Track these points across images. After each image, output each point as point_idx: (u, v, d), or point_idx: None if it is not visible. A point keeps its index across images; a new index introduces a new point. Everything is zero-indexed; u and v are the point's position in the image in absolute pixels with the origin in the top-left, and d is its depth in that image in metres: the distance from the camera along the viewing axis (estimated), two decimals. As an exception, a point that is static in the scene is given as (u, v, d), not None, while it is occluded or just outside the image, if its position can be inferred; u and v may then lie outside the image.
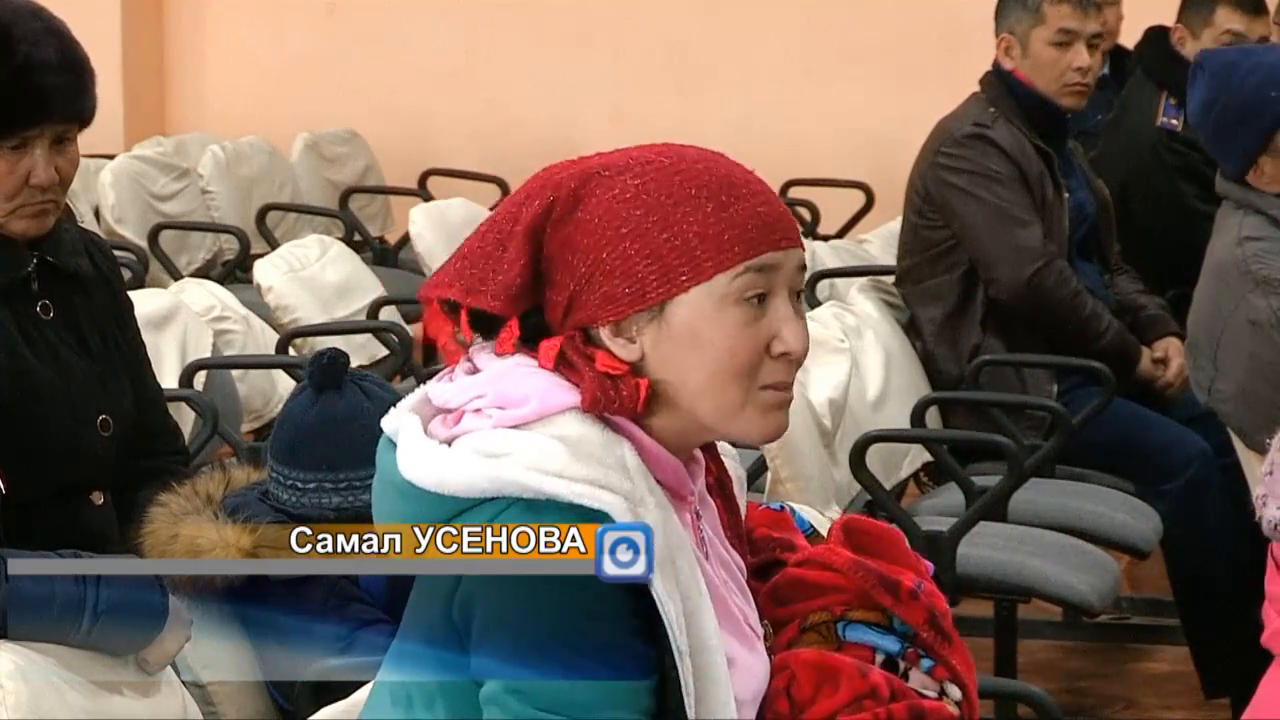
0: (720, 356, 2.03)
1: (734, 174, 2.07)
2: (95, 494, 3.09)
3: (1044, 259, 4.90)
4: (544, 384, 2.03)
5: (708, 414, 2.05)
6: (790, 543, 2.29)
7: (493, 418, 2.02)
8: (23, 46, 2.98)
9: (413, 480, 2.02)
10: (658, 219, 2.03)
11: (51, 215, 3.07)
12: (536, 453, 1.98)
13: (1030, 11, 5.04)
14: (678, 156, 2.07)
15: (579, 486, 1.96)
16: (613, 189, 2.04)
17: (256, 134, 8.56)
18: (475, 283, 2.06)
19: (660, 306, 2.03)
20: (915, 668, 2.21)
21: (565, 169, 2.09)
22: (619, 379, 2.02)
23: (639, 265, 2.02)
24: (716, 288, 2.03)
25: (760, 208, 2.05)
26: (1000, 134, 5.00)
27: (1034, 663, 5.22)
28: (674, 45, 9.01)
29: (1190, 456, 4.85)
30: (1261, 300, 4.08)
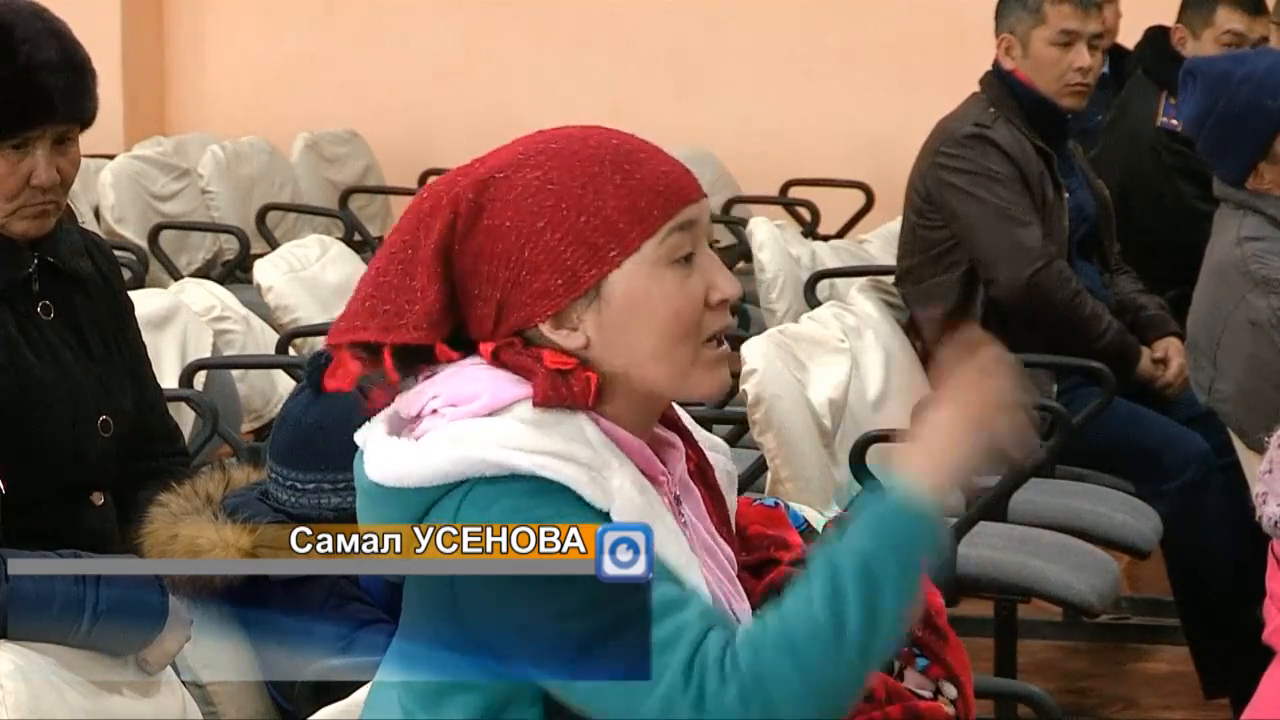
0: (666, 320, 2.04)
1: (626, 142, 2.08)
2: (95, 494, 3.09)
3: (1044, 259, 4.90)
4: (493, 379, 2.03)
5: (659, 380, 2.06)
6: (784, 540, 2.28)
7: (446, 415, 2.02)
8: (25, 47, 2.98)
9: (378, 480, 2.02)
10: (571, 203, 2.03)
11: (52, 216, 3.07)
12: (495, 431, 1.98)
13: (1031, 11, 5.04)
14: (567, 139, 2.08)
15: (540, 458, 1.97)
16: (515, 187, 2.04)
17: (256, 134, 8.56)
18: (391, 319, 2.05)
19: (596, 288, 2.03)
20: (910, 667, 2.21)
21: (454, 182, 2.07)
22: (569, 374, 2.03)
23: (566, 253, 2.02)
24: (646, 255, 2.04)
25: (663, 168, 2.07)
26: (1000, 134, 5.00)
27: (1034, 663, 5.22)
28: (674, 45, 9.01)
29: (1190, 456, 4.85)
30: (1261, 300, 4.08)
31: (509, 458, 1.96)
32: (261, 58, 9.58)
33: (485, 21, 9.27)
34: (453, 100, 9.26)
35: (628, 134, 2.10)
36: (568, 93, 8.98)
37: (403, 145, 9.20)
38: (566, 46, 9.15)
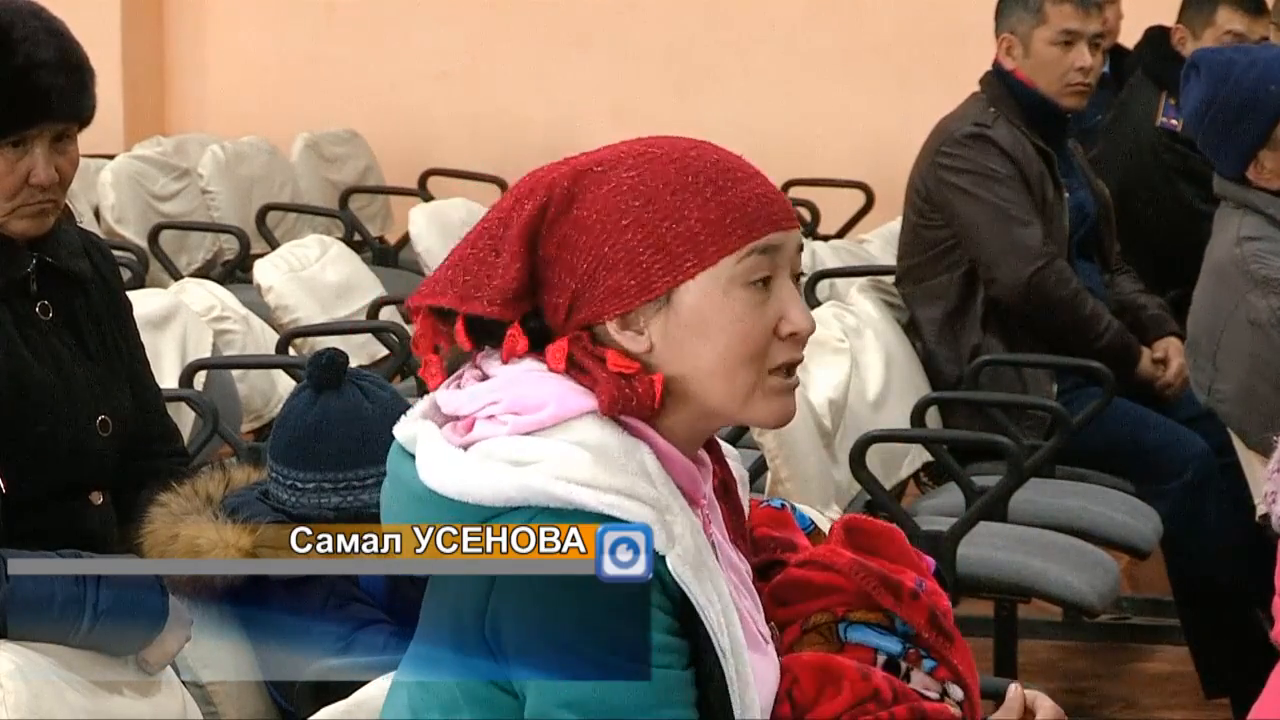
0: (731, 340, 2.03)
1: (727, 159, 2.08)
2: (95, 494, 3.09)
3: (1044, 259, 4.90)
4: (559, 389, 2.02)
5: (720, 399, 2.05)
6: (791, 543, 2.28)
7: (508, 424, 2.01)
8: (23, 46, 2.98)
9: (436, 488, 2.00)
10: (658, 208, 2.03)
11: (51, 215, 3.07)
12: (562, 461, 1.97)
13: (1032, 11, 5.04)
14: (669, 146, 2.08)
15: (609, 497, 1.96)
16: (608, 184, 2.04)
17: (256, 134, 8.56)
18: (469, 289, 2.05)
19: (667, 295, 2.03)
20: (917, 668, 2.20)
21: (556, 169, 2.08)
22: (633, 377, 2.02)
23: (643, 256, 2.02)
24: (722, 272, 2.03)
25: (758, 190, 2.06)
26: (1000, 134, 4.99)
27: (1034, 663, 5.22)
28: (674, 45, 9.01)
29: (1190, 457, 4.85)
30: (1261, 300, 4.08)
31: (576, 495, 1.95)
32: (261, 58, 9.58)
33: (485, 21, 9.26)
34: (453, 100, 9.25)
35: (734, 154, 2.10)
36: (568, 93, 8.98)
37: (403, 145, 9.20)
38: (566, 46, 9.15)
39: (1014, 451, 4.42)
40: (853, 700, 2.14)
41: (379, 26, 9.42)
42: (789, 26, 8.84)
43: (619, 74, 9.00)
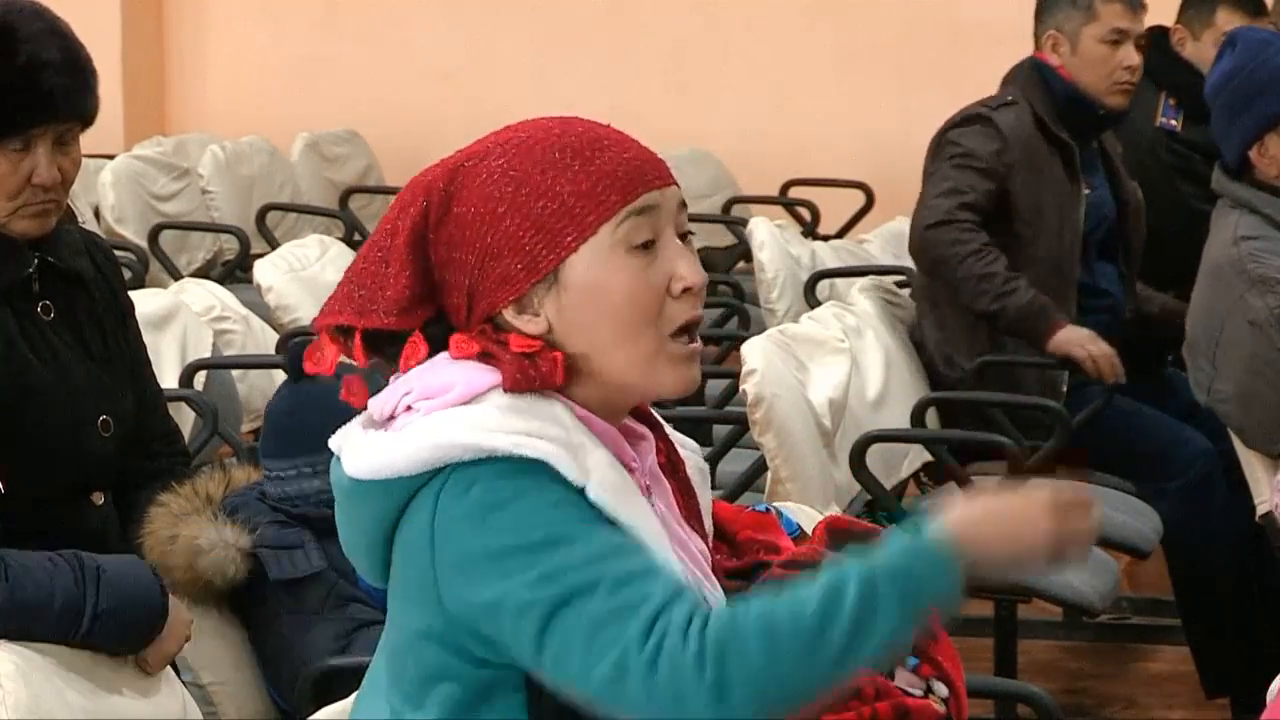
0: (622, 305, 2.05)
1: (593, 130, 2.09)
2: (95, 494, 3.09)
3: (945, 217, 4.87)
4: (464, 370, 2.05)
5: (622, 369, 2.07)
6: (774, 544, 2.28)
7: (421, 409, 2.03)
8: (26, 46, 2.98)
9: (358, 475, 2.03)
10: (530, 189, 2.05)
11: (53, 215, 3.07)
12: (471, 416, 2.00)
13: (1082, 9, 5.02)
14: (535, 128, 2.10)
15: (516, 437, 1.98)
16: (480, 175, 2.07)
17: (256, 134, 8.55)
18: (365, 304, 2.08)
19: (555, 273, 2.05)
20: (901, 666, 2.21)
21: (431, 171, 2.11)
22: (535, 355, 2.04)
23: (525, 238, 2.04)
24: (603, 240, 2.05)
25: (626, 154, 2.07)
26: (1005, 117, 4.96)
27: (1034, 663, 5.22)
28: (674, 45, 9.01)
29: (1193, 456, 4.84)
30: (1259, 300, 4.08)
31: (486, 439, 1.97)
32: (261, 58, 9.58)
33: (485, 21, 9.27)
34: (453, 100, 9.25)
35: (601, 124, 2.11)
36: (568, 93, 8.97)
37: (403, 145, 9.19)
38: (566, 46, 9.15)
39: (1014, 451, 4.42)
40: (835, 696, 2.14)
41: (379, 26, 9.42)
42: (789, 27, 8.84)
43: (619, 74, 9.00)
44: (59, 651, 2.66)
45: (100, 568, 2.73)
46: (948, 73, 8.29)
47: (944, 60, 8.47)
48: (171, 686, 2.82)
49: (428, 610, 2.01)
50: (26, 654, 2.59)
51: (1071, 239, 4.98)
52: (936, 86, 8.06)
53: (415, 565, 2.01)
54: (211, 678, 3.08)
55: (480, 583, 1.96)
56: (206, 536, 3.03)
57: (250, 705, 3.13)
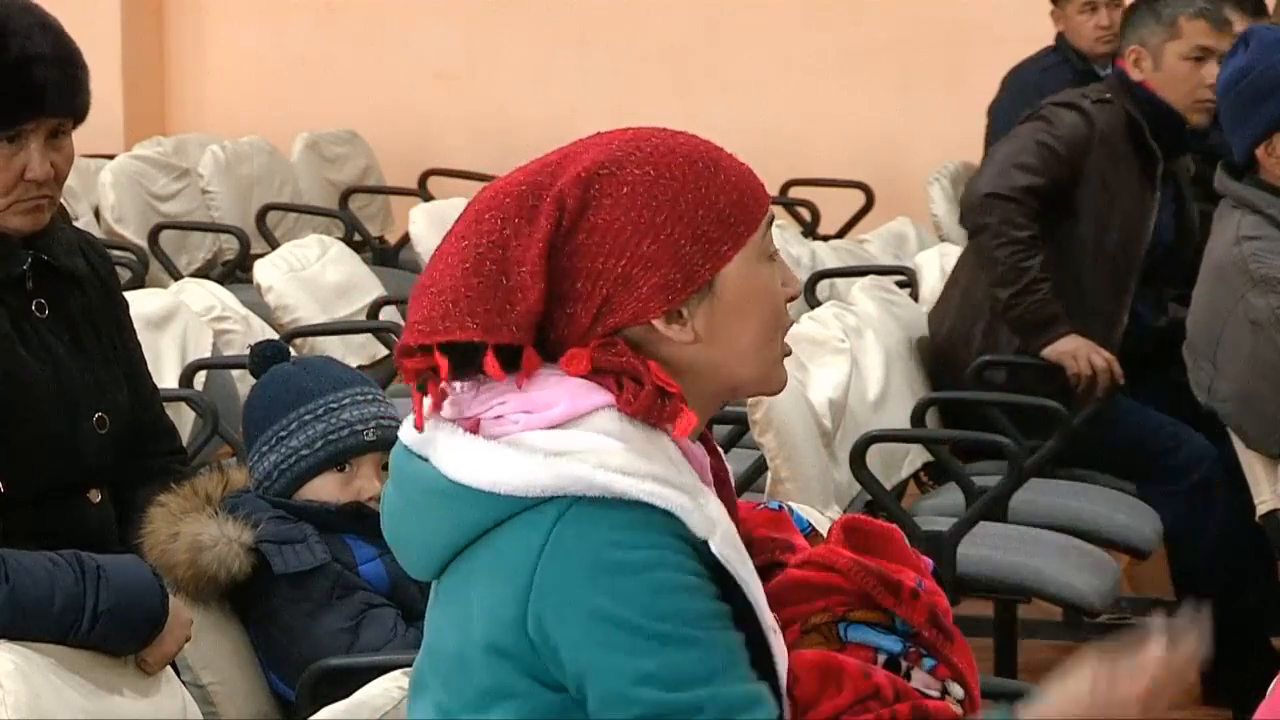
0: (769, 313, 2.08)
1: (706, 143, 2.10)
2: (92, 492, 3.09)
3: (1012, 194, 4.85)
4: (570, 387, 2.01)
5: (752, 374, 2.10)
6: (790, 543, 2.28)
7: (518, 423, 2.00)
8: (16, 40, 2.97)
9: (463, 480, 1.99)
10: (688, 198, 2.03)
11: (46, 211, 3.07)
12: (597, 449, 1.97)
13: (1165, 25, 4.97)
14: (656, 137, 2.08)
15: (647, 484, 1.96)
16: (625, 184, 2.03)
17: (256, 134, 8.55)
18: (491, 319, 2.00)
19: (710, 282, 2.04)
20: (918, 667, 2.20)
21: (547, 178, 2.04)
22: (671, 396, 2.02)
23: (685, 247, 2.03)
24: (751, 249, 2.06)
25: (742, 166, 2.10)
26: (1102, 112, 4.91)
27: (1034, 663, 5.21)
28: (674, 45, 9.00)
29: (1196, 458, 4.83)
30: (1260, 300, 4.07)
31: (615, 481, 1.95)
32: (261, 58, 9.58)
33: (485, 21, 9.26)
34: (453, 100, 9.25)
35: (695, 135, 2.11)
36: (568, 93, 8.98)
37: (403, 145, 9.19)
38: (566, 46, 9.15)
39: (1014, 451, 4.42)
40: (854, 698, 2.14)
41: (379, 26, 9.42)
42: (789, 27, 8.84)
43: (619, 74, 9.00)
44: (59, 651, 2.66)
45: (100, 568, 2.73)
46: (948, 73, 8.29)
47: (944, 60, 8.47)
48: (171, 686, 2.82)
49: (506, 630, 1.98)
50: (26, 654, 2.59)
51: (1136, 249, 4.92)
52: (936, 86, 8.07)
53: (505, 584, 1.98)
54: (211, 678, 3.08)
55: (582, 641, 1.94)
56: (209, 532, 3.03)
57: (250, 705, 3.12)
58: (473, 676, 2.02)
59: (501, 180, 2.09)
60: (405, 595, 3.08)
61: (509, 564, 1.97)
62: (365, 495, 3.11)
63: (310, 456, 3.12)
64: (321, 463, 3.12)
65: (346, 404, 3.14)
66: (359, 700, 2.34)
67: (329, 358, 3.73)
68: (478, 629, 2.00)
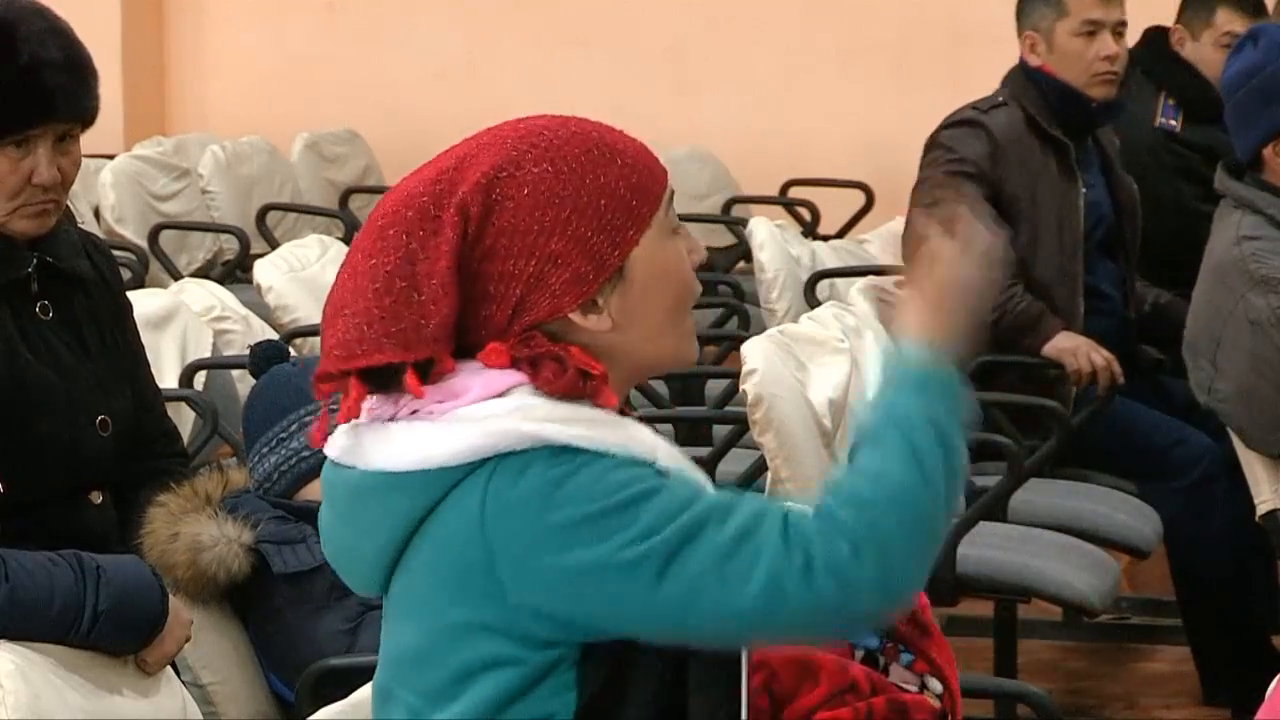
0: (678, 286, 2.09)
1: (602, 127, 2.11)
2: (94, 493, 3.09)
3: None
4: (481, 376, 2.03)
5: (667, 350, 2.10)
6: None
7: (434, 413, 2.01)
8: (27, 46, 2.98)
9: (393, 467, 2.00)
10: (588, 190, 2.05)
11: (53, 215, 3.08)
12: (521, 406, 1.99)
13: (1052, 6, 5.02)
14: (547, 130, 2.08)
15: (575, 429, 1.98)
16: (525, 184, 2.04)
17: (256, 134, 8.55)
18: (407, 337, 2.01)
19: (620, 268, 2.06)
20: (895, 662, 2.21)
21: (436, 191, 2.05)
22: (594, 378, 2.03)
23: (592, 238, 2.04)
24: (655, 228, 2.08)
25: (634, 143, 2.11)
26: (997, 120, 4.95)
27: (1034, 663, 5.22)
28: (674, 45, 9.00)
29: (1196, 456, 4.84)
30: (1261, 299, 4.07)
31: (543, 429, 1.97)
32: (261, 58, 9.58)
33: (485, 21, 9.26)
34: (453, 100, 9.25)
35: (585, 119, 2.12)
36: (568, 93, 8.97)
37: (403, 145, 9.18)
38: (566, 46, 9.15)
39: (1014, 451, 4.42)
40: (830, 691, 2.15)
41: (379, 26, 9.42)
42: (789, 27, 8.84)
43: (619, 74, 9.00)
44: (59, 651, 2.66)
45: (100, 568, 2.73)
46: (948, 73, 8.28)
47: (944, 60, 8.46)
48: (171, 686, 2.82)
49: (477, 602, 1.98)
50: (26, 654, 2.59)
51: (1072, 239, 4.97)
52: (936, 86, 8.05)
53: (460, 558, 1.98)
54: (211, 678, 3.08)
55: (567, 554, 1.94)
56: (208, 533, 3.04)
57: (250, 705, 3.13)
58: (441, 663, 2.02)
59: (401, 189, 2.09)
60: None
61: (456, 538, 1.98)
62: None
63: (311, 459, 3.13)
64: (322, 464, 3.12)
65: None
66: (358, 700, 2.34)
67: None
68: (445, 614, 2.00)
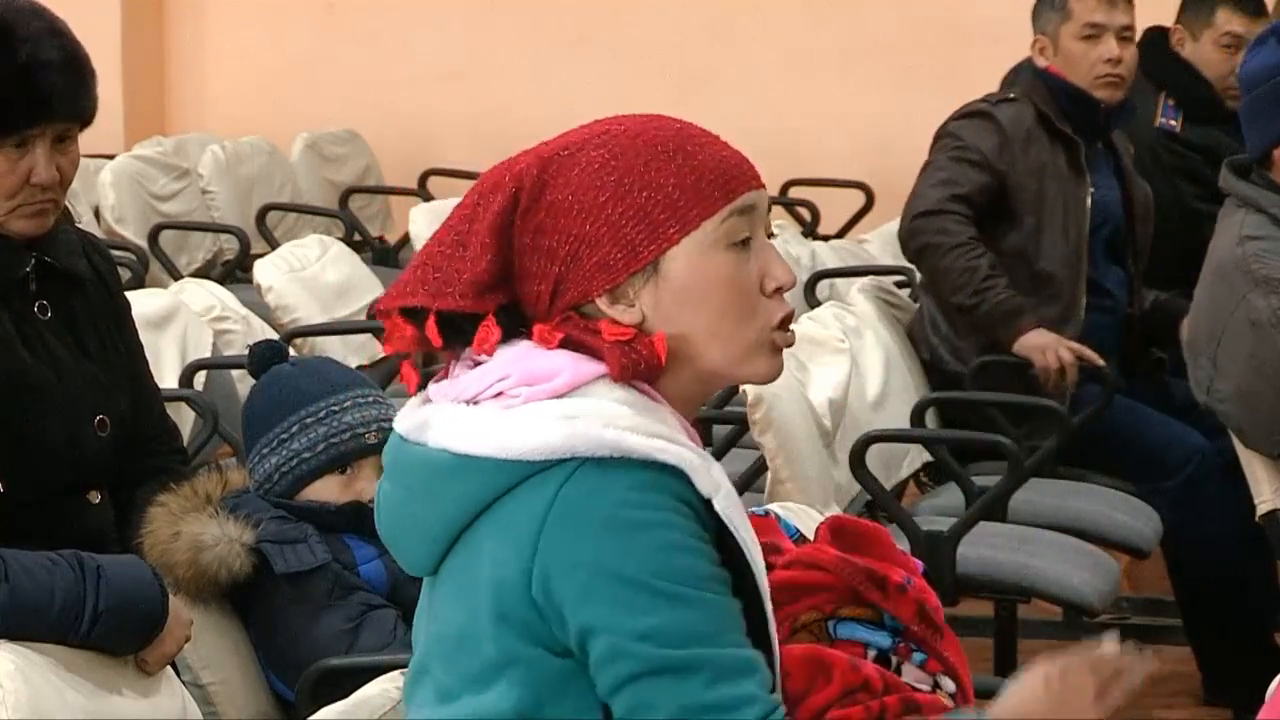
0: (722, 300, 2.06)
1: (687, 128, 2.11)
2: (92, 493, 3.09)
3: (936, 207, 4.88)
4: (569, 358, 2.03)
5: (719, 359, 2.08)
6: (776, 546, 2.29)
7: (520, 395, 2.01)
8: (25, 46, 2.98)
9: (467, 450, 2.00)
10: (634, 180, 2.05)
11: (51, 215, 3.08)
12: (605, 411, 1.99)
13: (1058, 10, 5.05)
14: (630, 123, 2.11)
15: (656, 442, 1.98)
16: (578, 165, 2.06)
17: (256, 134, 8.55)
18: (440, 285, 2.06)
19: (654, 264, 2.05)
20: (908, 662, 2.21)
21: (521, 160, 2.10)
22: (633, 341, 2.04)
23: (627, 227, 2.04)
24: (705, 235, 2.06)
25: (724, 153, 2.10)
26: (1005, 112, 4.97)
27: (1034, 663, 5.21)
28: (674, 45, 9.01)
29: (1191, 456, 4.84)
30: (1261, 300, 4.07)
31: (623, 439, 1.97)
32: (261, 58, 9.58)
33: (485, 22, 9.26)
34: (453, 101, 9.25)
35: (690, 122, 2.13)
36: (568, 93, 8.98)
37: (403, 145, 9.19)
38: (566, 47, 9.15)
39: (1014, 451, 4.42)
40: (843, 690, 2.15)
41: (379, 26, 9.42)
42: (789, 26, 8.84)
43: (619, 74, 9.00)
44: (59, 651, 2.66)
45: (100, 568, 2.73)
46: (948, 73, 8.28)
47: (944, 60, 8.47)
48: (171, 686, 2.82)
49: (511, 593, 1.99)
50: (26, 654, 2.59)
51: (1077, 235, 4.97)
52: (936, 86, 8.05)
53: (510, 547, 1.98)
54: (211, 677, 3.08)
55: (586, 597, 1.95)
56: (210, 532, 3.03)
57: (250, 705, 3.13)
58: (479, 650, 2.02)
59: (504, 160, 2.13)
60: (405, 596, 3.07)
61: (515, 527, 1.98)
62: (366, 497, 3.11)
63: (312, 459, 3.12)
64: (323, 465, 3.12)
65: (349, 406, 3.14)
66: (358, 700, 2.34)
67: (329, 359, 3.74)
68: (485, 599, 2.00)
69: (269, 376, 3.22)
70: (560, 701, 2.00)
